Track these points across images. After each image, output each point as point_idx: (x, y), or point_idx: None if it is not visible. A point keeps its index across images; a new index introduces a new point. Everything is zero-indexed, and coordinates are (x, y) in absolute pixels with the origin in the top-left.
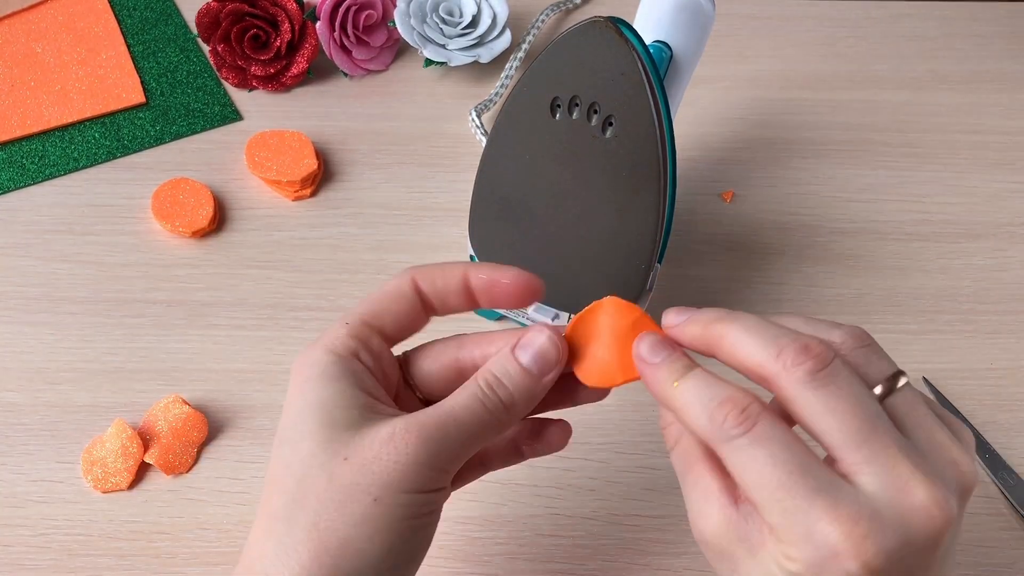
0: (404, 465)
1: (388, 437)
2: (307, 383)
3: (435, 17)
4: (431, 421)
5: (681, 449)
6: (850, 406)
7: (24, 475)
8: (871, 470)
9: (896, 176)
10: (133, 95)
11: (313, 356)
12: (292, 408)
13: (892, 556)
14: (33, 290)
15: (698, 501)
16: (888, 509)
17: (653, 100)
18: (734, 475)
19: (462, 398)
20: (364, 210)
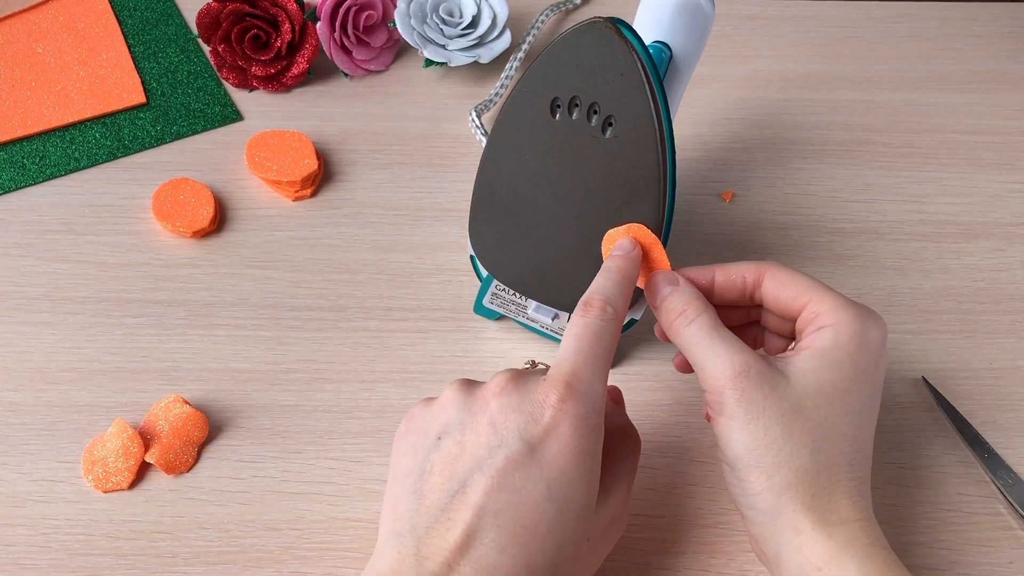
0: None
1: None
2: (587, 455)
3: (435, 17)
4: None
5: (697, 326)
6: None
7: (25, 475)
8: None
9: (895, 176)
10: (134, 95)
11: (594, 420)
12: (569, 466)
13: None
14: (34, 290)
15: (726, 351)
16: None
17: (653, 100)
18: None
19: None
20: (364, 210)
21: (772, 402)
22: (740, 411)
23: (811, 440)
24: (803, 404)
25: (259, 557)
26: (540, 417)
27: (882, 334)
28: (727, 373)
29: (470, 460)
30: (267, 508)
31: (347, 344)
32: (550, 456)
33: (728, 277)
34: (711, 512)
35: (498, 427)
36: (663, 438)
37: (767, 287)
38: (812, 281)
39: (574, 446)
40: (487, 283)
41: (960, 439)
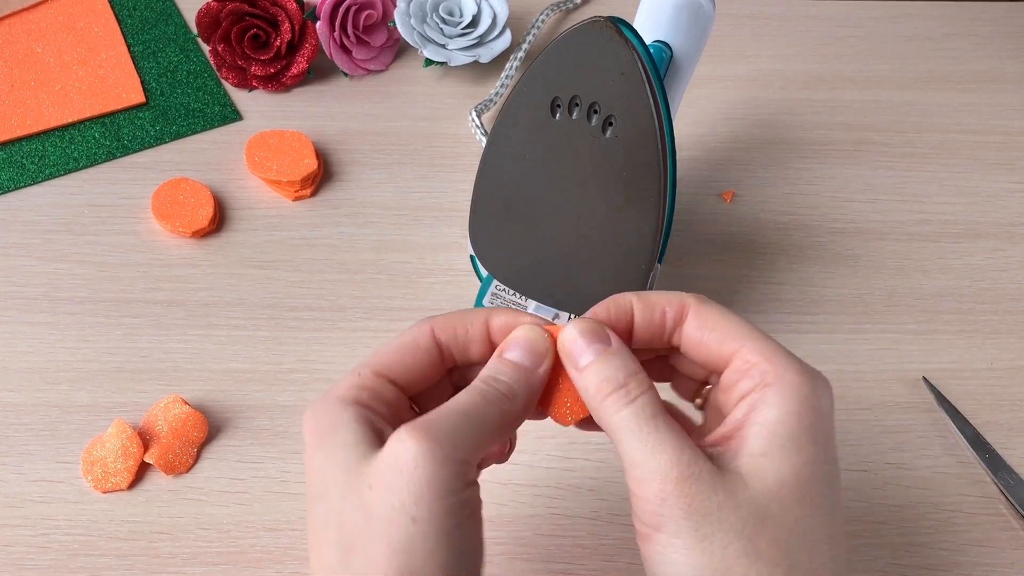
0: (425, 469)
1: (399, 448)
2: (324, 437)
3: (435, 17)
4: (434, 418)
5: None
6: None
7: (24, 475)
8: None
9: (896, 176)
10: (133, 95)
11: (323, 408)
12: (314, 464)
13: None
14: (33, 290)
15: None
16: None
17: (653, 100)
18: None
19: (461, 395)
20: (364, 210)
21: (728, 511)
22: (688, 526)
23: (784, 556)
24: (767, 508)
25: (259, 558)
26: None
27: (831, 394)
28: (671, 475)
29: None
30: (267, 508)
31: (347, 344)
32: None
33: (651, 315)
34: None
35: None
36: None
37: (689, 328)
38: (744, 323)
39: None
40: (487, 283)
41: (961, 439)
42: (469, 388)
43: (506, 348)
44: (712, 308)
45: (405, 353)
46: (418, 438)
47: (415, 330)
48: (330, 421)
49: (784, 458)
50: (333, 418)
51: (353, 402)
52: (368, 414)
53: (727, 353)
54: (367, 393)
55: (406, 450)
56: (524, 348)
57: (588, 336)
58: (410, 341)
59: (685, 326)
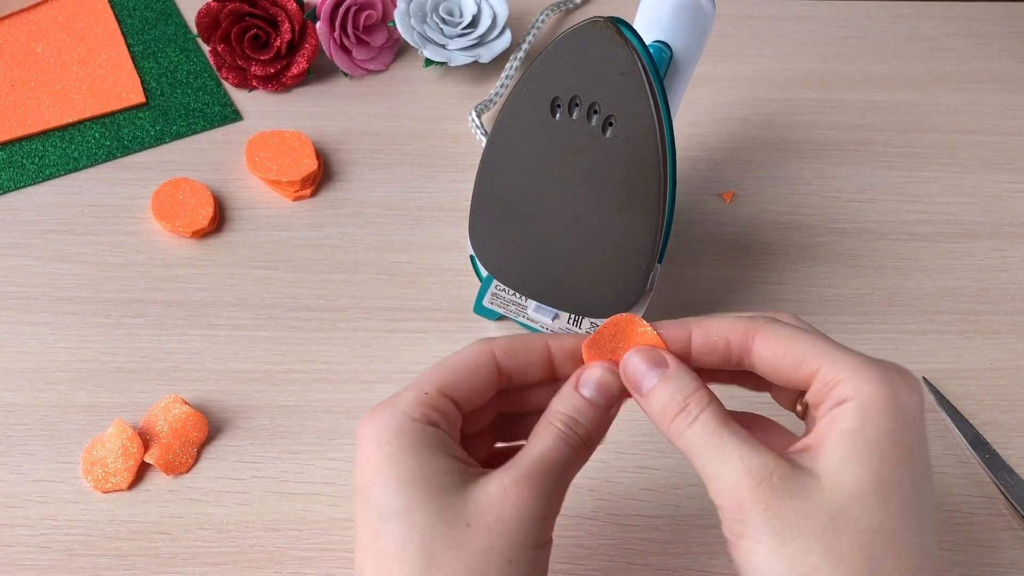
0: (527, 520)
1: (502, 495)
2: (399, 452)
3: (435, 17)
4: (534, 470)
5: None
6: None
7: (24, 475)
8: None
9: (896, 176)
10: (133, 95)
11: (394, 423)
12: (386, 477)
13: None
14: (33, 290)
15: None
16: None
17: (653, 100)
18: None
19: (548, 440)
20: (364, 210)
21: (806, 515)
22: (768, 531)
23: (867, 560)
24: (847, 511)
25: (259, 558)
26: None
27: (918, 396)
28: (745, 483)
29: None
30: (267, 509)
31: (347, 344)
32: (359, 478)
33: (708, 339)
34: (712, 513)
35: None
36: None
37: (760, 354)
38: (817, 339)
39: (371, 459)
40: (487, 283)
41: (961, 440)
42: (553, 430)
43: (583, 383)
44: (780, 331)
45: (468, 373)
46: (522, 493)
47: (476, 350)
48: (407, 440)
49: (863, 462)
50: (410, 439)
51: (426, 422)
52: (444, 441)
53: (805, 376)
54: (438, 414)
55: (512, 503)
56: (600, 388)
57: (648, 362)
58: (471, 361)
59: (755, 351)
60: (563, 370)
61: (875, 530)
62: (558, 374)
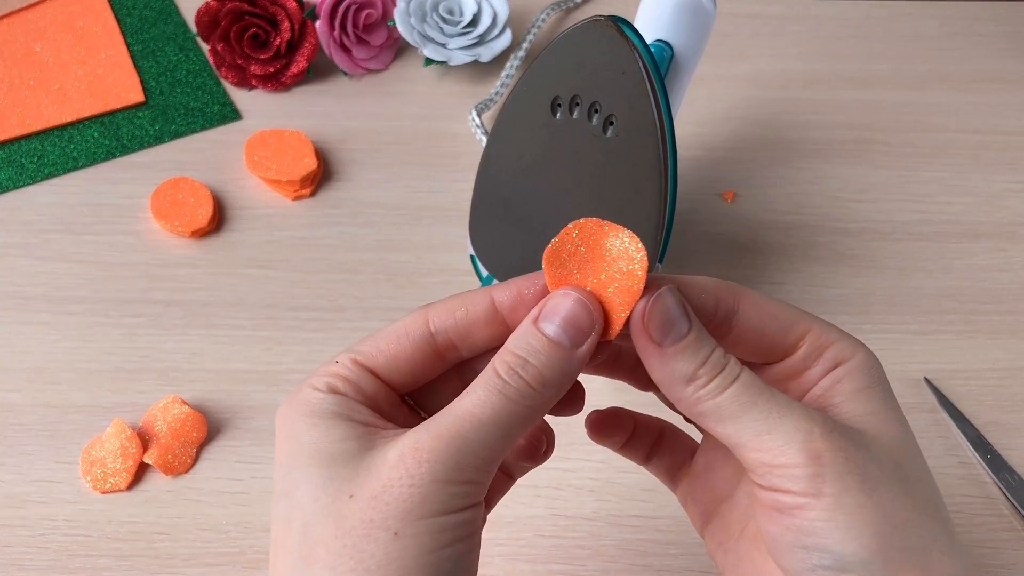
0: (420, 487)
1: (396, 459)
2: (294, 426)
3: (435, 16)
4: (443, 428)
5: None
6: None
7: (23, 475)
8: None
9: (897, 176)
10: (132, 94)
11: (297, 398)
12: (281, 457)
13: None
14: (32, 290)
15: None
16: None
17: (654, 99)
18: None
19: (477, 393)
20: (364, 210)
21: (879, 464)
22: (854, 481)
23: (929, 505)
24: (896, 459)
25: (258, 558)
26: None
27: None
28: (816, 431)
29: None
30: (266, 509)
31: (346, 344)
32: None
33: (697, 297)
34: None
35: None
36: None
37: (747, 316)
38: (799, 310)
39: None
40: (487, 283)
41: (963, 440)
42: (485, 381)
43: (542, 317)
44: (762, 296)
45: (391, 342)
46: (420, 457)
47: (406, 319)
48: (303, 412)
49: (889, 417)
50: (307, 409)
51: (328, 390)
52: (347, 407)
53: (792, 340)
54: (344, 384)
55: (406, 468)
56: (565, 322)
57: (678, 309)
58: (398, 329)
59: (740, 316)
60: (512, 318)
61: (919, 478)
62: (512, 327)
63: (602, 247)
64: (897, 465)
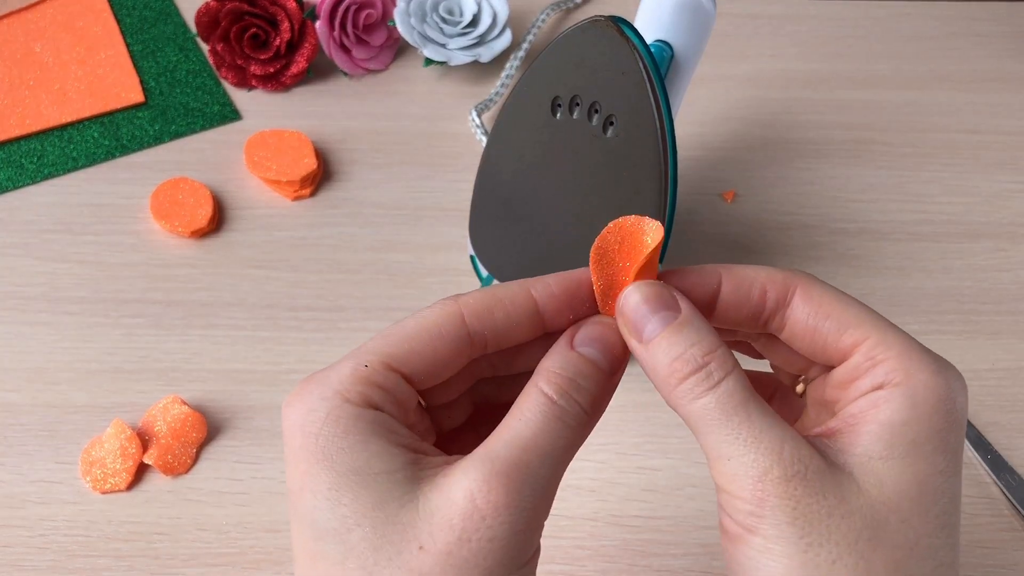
0: (500, 540)
1: (467, 504)
2: (329, 446)
3: (435, 16)
4: (510, 464)
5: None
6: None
7: (22, 475)
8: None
9: (897, 176)
10: (132, 94)
11: (324, 407)
12: (316, 482)
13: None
14: (31, 290)
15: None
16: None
17: (654, 99)
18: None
19: (532, 418)
20: (364, 210)
21: (840, 519)
22: (792, 532)
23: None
24: (884, 521)
25: (258, 559)
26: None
27: (966, 398)
28: (772, 473)
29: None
30: (266, 509)
31: (347, 344)
32: (289, 480)
33: (742, 287)
34: (713, 514)
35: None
36: (664, 439)
37: (798, 312)
38: (866, 311)
39: (289, 451)
40: (487, 283)
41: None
42: (540, 403)
43: (580, 341)
44: (826, 290)
45: (425, 342)
46: (496, 503)
47: (439, 313)
48: (340, 431)
49: (907, 465)
50: (345, 428)
51: (364, 404)
52: (388, 428)
53: (846, 345)
54: (382, 396)
55: (481, 516)
56: (602, 344)
57: (653, 301)
58: (431, 326)
59: (791, 310)
60: (556, 321)
61: (911, 546)
62: (550, 328)
63: (638, 248)
64: (876, 524)
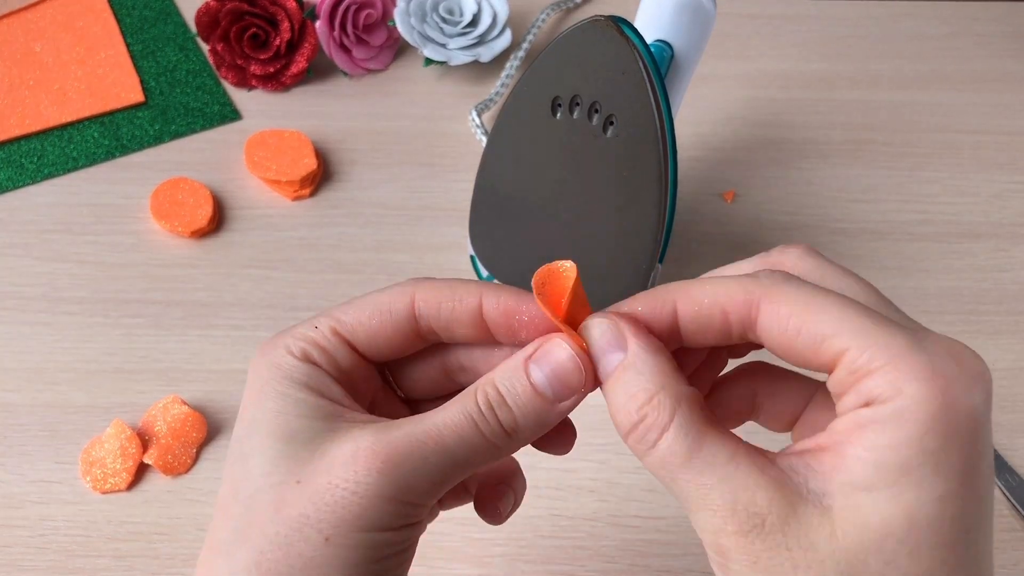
0: (363, 498)
1: (349, 457)
2: (265, 387)
3: (435, 16)
4: (405, 441)
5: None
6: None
7: (23, 476)
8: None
9: (897, 176)
10: (132, 94)
11: (272, 357)
12: (246, 416)
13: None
14: (32, 290)
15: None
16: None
17: (654, 99)
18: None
19: (451, 415)
20: (364, 210)
21: (807, 569)
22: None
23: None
24: (863, 565)
25: None
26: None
27: (981, 393)
28: (729, 529)
29: None
30: None
31: None
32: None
33: (698, 313)
34: None
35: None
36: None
37: (767, 328)
38: (843, 307)
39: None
40: None
41: None
42: (462, 406)
43: (536, 360)
44: (793, 295)
45: (373, 317)
46: (372, 466)
47: (392, 293)
48: (274, 376)
49: (895, 495)
50: (277, 373)
51: (302, 357)
52: (318, 381)
53: (827, 359)
54: (320, 354)
55: (355, 472)
56: (556, 376)
57: (606, 338)
58: (382, 304)
59: (761, 323)
60: (499, 333)
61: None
62: (497, 336)
63: (560, 278)
64: (852, 571)
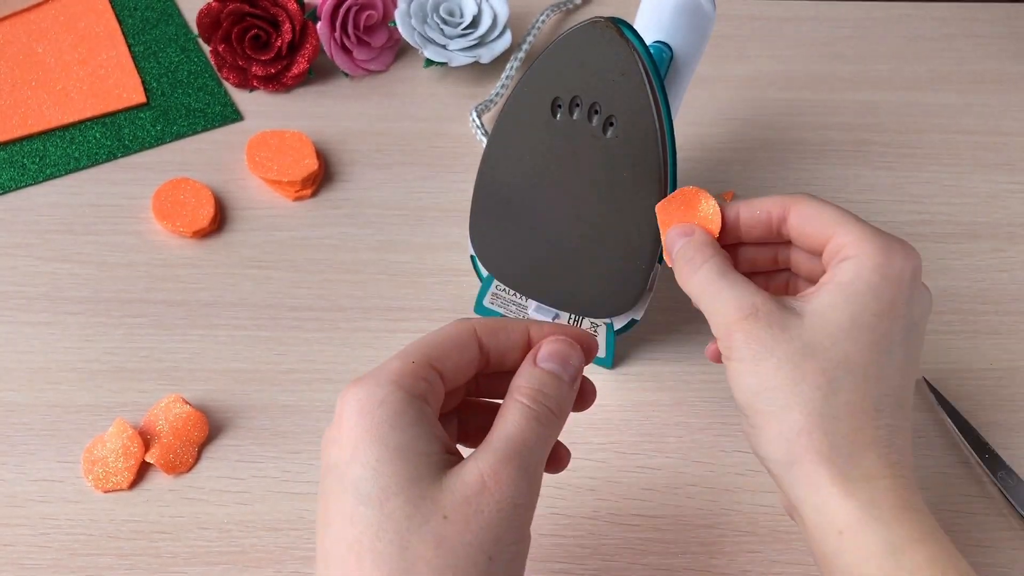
0: (506, 511)
1: (479, 485)
2: (382, 424)
3: (436, 17)
4: (507, 455)
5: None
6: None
7: (25, 475)
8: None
9: (896, 177)
10: (134, 95)
11: (379, 392)
12: (366, 454)
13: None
14: (34, 290)
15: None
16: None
17: (654, 100)
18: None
19: (517, 420)
20: (364, 210)
21: (782, 342)
22: (748, 353)
23: (826, 380)
24: (818, 342)
25: (259, 557)
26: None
27: (911, 264)
28: (734, 316)
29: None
30: (267, 508)
31: (347, 344)
32: (336, 454)
33: (752, 213)
34: (712, 512)
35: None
36: (663, 439)
37: (793, 222)
38: (840, 213)
39: (355, 429)
40: (487, 283)
41: (961, 440)
42: (518, 408)
43: (542, 358)
44: (811, 203)
45: (452, 347)
46: (501, 483)
47: (459, 327)
48: (394, 412)
49: (843, 306)
50: (397, 409)
51: (414, 393)
52: (429, 418)
53: (823, 239)
54: (425, 385)
55: (491, 494)
56: (560, 359)
57: (677, 231)
58: (456, 336)
59: (789, 220)
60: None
61: (839, 360)
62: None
63: (695, 205)
64: (812, 344)
